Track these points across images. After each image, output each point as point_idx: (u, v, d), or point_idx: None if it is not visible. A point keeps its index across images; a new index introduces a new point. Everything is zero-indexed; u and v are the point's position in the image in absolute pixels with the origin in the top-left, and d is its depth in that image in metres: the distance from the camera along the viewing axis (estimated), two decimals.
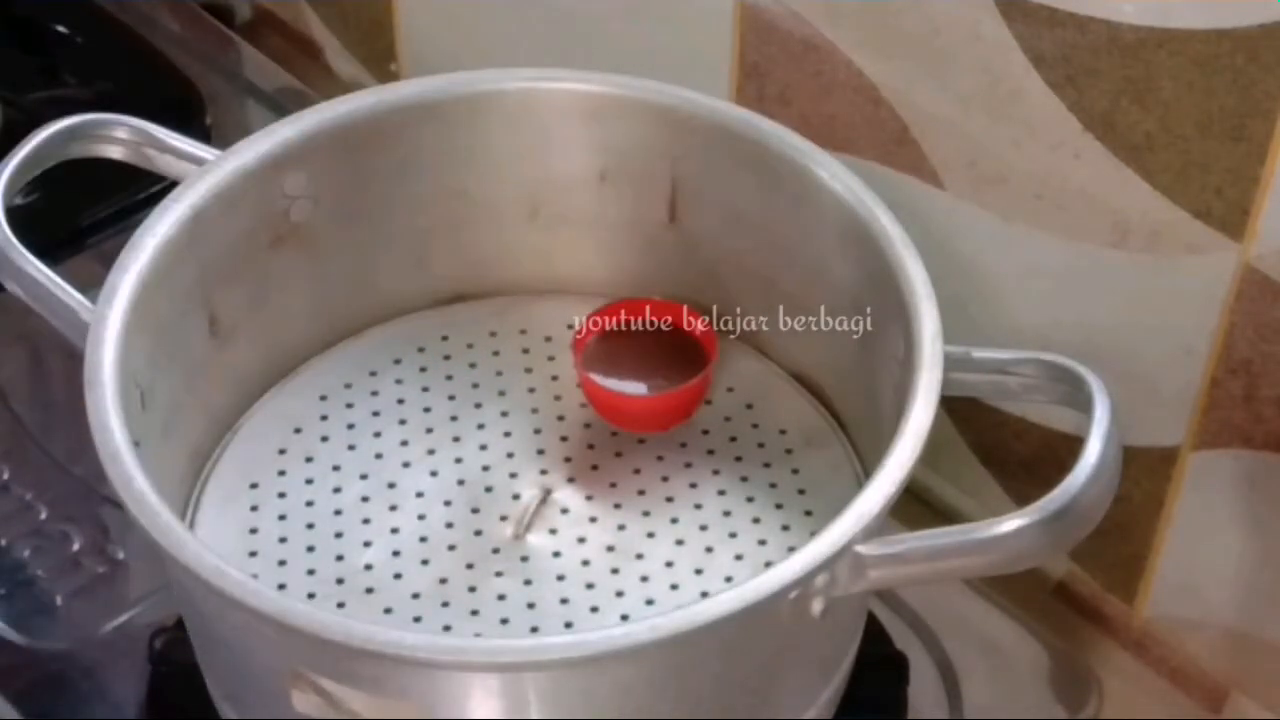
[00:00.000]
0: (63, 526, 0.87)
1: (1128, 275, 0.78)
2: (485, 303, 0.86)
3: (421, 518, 0.78)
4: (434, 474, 0.79)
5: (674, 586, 0.75)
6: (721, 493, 0.79)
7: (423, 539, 0.77)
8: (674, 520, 0.78)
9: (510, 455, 0.80)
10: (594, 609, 0.75)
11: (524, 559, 0.76)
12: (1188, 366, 0.78)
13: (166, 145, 0.79)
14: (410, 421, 0.81)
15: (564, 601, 0.75)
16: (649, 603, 0.75)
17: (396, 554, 0.76)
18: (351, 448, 0.80)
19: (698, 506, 0.78)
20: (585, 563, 0.76)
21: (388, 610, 0.74)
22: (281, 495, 0.79)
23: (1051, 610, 0.87)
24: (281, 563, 0.76)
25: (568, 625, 0.74)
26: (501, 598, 0.75)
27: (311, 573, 0.76)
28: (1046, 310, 0.81)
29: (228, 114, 1.07)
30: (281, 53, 1.12)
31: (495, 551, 0.77)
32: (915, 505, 0.81)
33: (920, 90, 0.80)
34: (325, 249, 0.82)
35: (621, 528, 0.77)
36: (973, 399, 0.76)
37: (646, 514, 0.78)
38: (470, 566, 0.76)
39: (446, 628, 0.74)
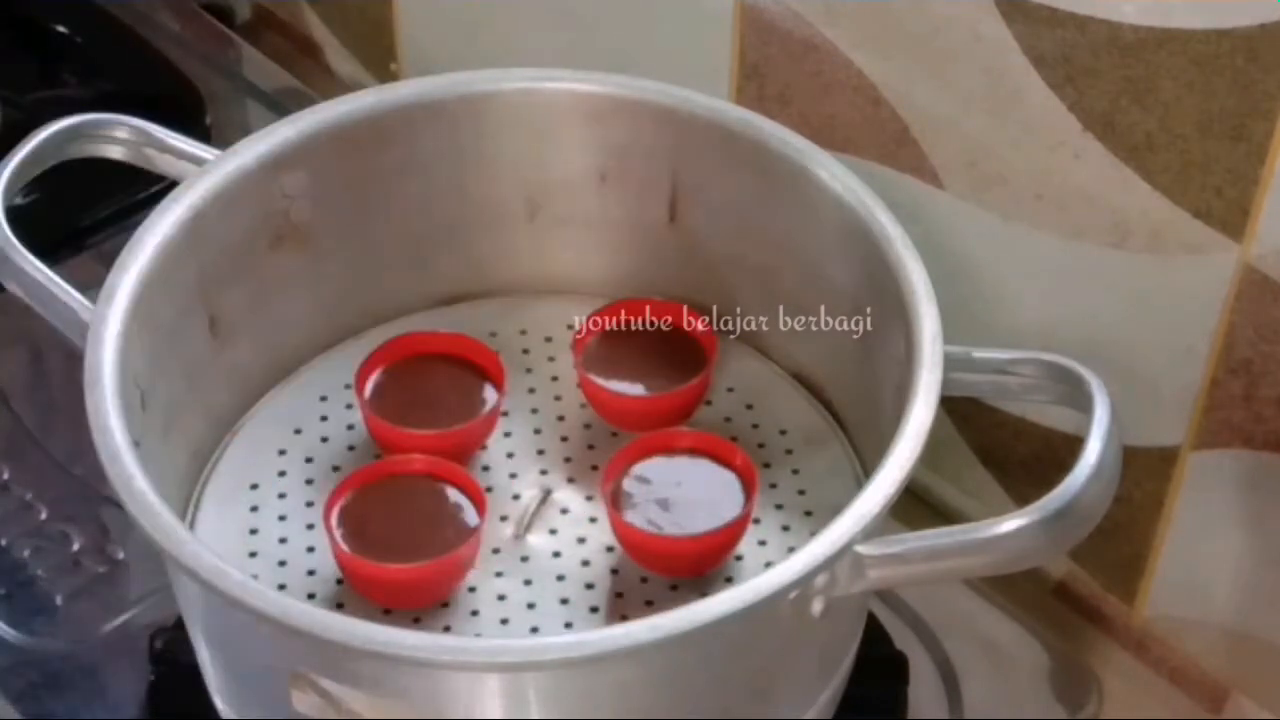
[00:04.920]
0: (63, 526, 0.87)
1: (1128, 275, 0.78)
2: (485, 303, 0.86)
3: None
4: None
5: (673, 587, 0.75)
6: None
7: None
8: None
9: (510, 455, 0.80)
10: (593, 609, 0.75)
11: (524, 559, 0.76)
12: (1188, 366, 0.78)
13: (166, 145, 0.79)
14: None
15: (564, 602, 0.75)
16: (648, 603, 0.75)
17: None
18: (351, 448, 0.80)
19: None
20: (585, 563, 0.76)
21: (388, 611, 0.74)
22: (282, 495, 0.79)
23: (1051, 610, 0.87)
24: (281, 563, 0.76)
25: (568, 625, 0.74)
26: (501, 598, 0.75)
27: (311, 573, 0.76)
28: (1046, 310, 0.81)
29: (228, 114, 1.07)
30: (281, 53, 1.12)
31: (495, 551, 0.77)
32: (915, 505, 0.82)
33: (920, 90, 0.80)
34: (325, 249, 0.82)
35: None
36: (973, 399, 0.76)
37: None
38: None
39: (446, 628, 0.74)
